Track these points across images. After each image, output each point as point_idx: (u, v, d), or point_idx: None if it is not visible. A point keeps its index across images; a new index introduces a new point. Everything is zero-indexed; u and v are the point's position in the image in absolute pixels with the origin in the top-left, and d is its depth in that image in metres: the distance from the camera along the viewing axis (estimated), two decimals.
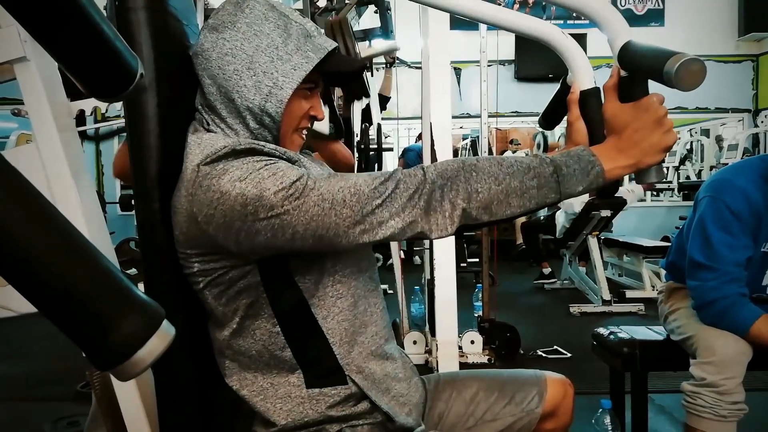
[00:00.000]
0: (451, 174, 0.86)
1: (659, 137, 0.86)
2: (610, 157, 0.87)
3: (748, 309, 1.58)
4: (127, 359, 0.45)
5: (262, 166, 0.85)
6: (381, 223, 0.85)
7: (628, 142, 0.87)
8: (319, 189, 0.84)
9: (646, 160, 0.87)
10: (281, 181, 0.83)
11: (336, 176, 0.87)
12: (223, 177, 0.84)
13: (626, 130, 0.87)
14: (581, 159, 0.87)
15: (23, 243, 0.41)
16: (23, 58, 1.01)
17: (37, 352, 3.69)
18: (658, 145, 0.86)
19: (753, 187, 1.61)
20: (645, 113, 0.86)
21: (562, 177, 0.86)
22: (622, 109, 0.88)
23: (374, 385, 0.98)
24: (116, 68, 0.56)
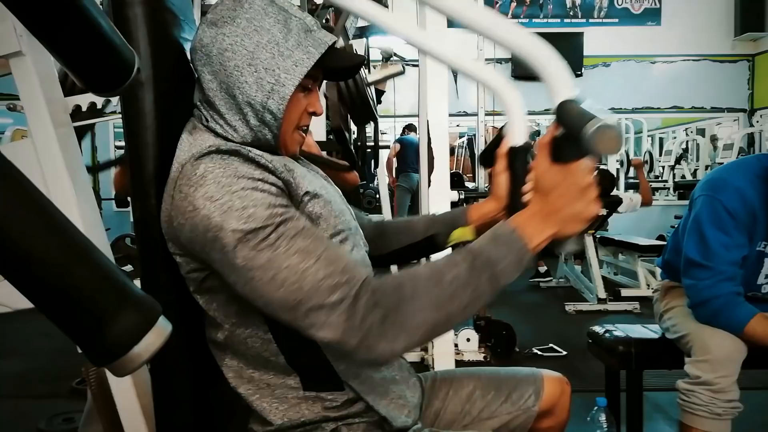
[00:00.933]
0: (392, 304, 0.79)
1: (582, 207, 0.81)
2: (536, 230, 0.82)
3: (743, 308, 1.59)
4: (123, 355, 0.45)
5: (238, 190, 0.81)
6: (311, 325, 0.78)
7: (551, 208, 0.81)
8: (273, 252, 0.78)
9: (567, 230, 0.82)
10: (245, 222, 0.79)
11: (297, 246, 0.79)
12: (199, 189, 0.82)
13: (551, 194, 0.81)
14: (512, 248, 0.81)
15: (20, 239, 0.41)
16: (19, 52, 1.00)
17: (32, 349, 3.68)
18: (581, 215, 0.81)
19: (749, 186, 1.62)
20: (572, 178, 0.80)
21: (496, 278, 0.81)
22: (551, 170, 0.82)
23: (372, 389, 0.97)
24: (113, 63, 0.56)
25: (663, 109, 7.74)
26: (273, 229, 0.79)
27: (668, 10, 7.62)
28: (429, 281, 0.80)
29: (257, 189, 0.82)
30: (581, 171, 0.80)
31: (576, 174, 0.80)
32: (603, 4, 7.65)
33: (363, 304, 0.78)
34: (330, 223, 0.93)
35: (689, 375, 1.62)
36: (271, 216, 0.80)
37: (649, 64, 7.71)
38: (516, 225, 0.82)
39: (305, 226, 0.82)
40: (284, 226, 0.80)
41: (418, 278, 0.81)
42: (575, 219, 0.81)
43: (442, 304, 0.80)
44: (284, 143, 0.99)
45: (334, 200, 0.98)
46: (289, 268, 0.78)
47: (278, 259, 0.78)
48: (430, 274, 0.81)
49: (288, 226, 0.80)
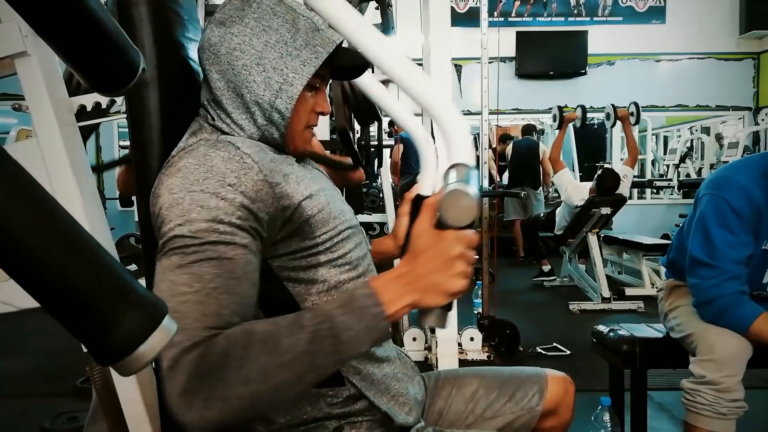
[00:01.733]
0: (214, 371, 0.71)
1: (445, 278, 0.75)
2: (395, 295, 0.76)
3: (749, 307, 1.58)
4: (129, 354, 0.45)
5: (196, 191, 0.80)
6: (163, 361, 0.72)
7: (415, 273, 0.76)
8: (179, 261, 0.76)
9: (426, 300, 0.76)
10: (180, 224, 0.78)
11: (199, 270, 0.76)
12: (169, 179, 0.83)
13: (419, 257, 0.76)
14: (365, 315, 0.74)
15: (26, 238, 0.41)
16: (24, 53, 1.00)
17: (36, 348, 3.69)
18: (441, 287, 0.75)
19: (754, 184, 1.61)
20: (442, 245, 0.75)
21: (343, 345, 0.74)
22: (426, 232, 0.77)
23: (373, 386, 0.97)
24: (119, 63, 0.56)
25: (667, 107, 7.71)
26: (196, 244, 0.77)
27: (673, 8, 7.59)
28: (263, 346, 0.72)
29: (217, 196, 0.80)
30: (454, 241, 0.75)
31: (447, 242, 0.75)
32: (607, 2, 7.63)
33: (187, 360, 0.71)
34: (330, 224, 0.93)
35: (694, 374, 1.61)
36: (206, 231, 0.77)
37: (653, 62, 7.69)
38: (375, 289, 0.76)
39: (231, 255, 0.77)
40: (209, 246, 0.77)
41: (251, 342, 0.73)
42: (436, 290, 0.75)
43: (272, 373, 0.72)
44: (293, 142, 0.99)
45: (333, 201, 0.98)
46: (168, 283, 0.76)
47: (171, 271, 0.76)
48: (266, 337, 0.73)
49: (211, 249, 0.77)
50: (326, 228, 0.92)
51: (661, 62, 7.69)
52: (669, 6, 7.60)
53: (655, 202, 7.97)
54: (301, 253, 0.91)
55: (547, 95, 7.34)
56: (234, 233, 0.79)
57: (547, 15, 7.67)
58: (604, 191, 4.61)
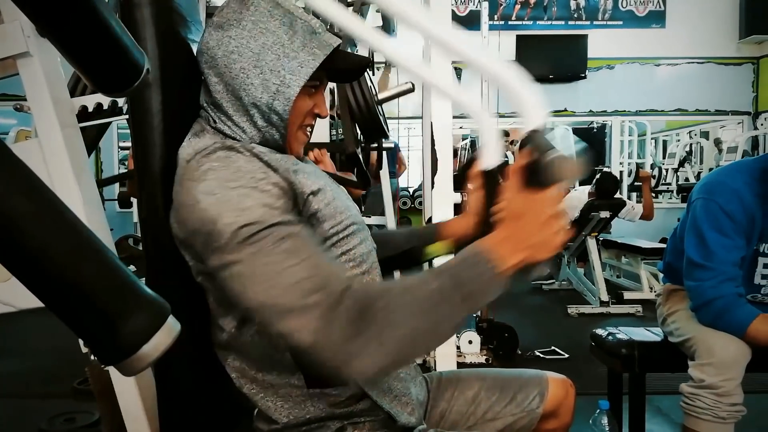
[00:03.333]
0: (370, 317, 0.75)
1: (550, 235, 0.79)
2: (505, 254, 0.79)
3: (746, 309, 1.59)
4: (132, 354, 0.45)
5: (237, 187, 0.82)
6: (287, 328, 0.76)
7: (521, 235, 0.80)
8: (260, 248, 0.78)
9: (536, 257, 0.80)
10: (238, 216, 0.79)
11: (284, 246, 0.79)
12: (201, 184, 0.83)
13: (520, 221, 0.80)
14: (483, 272, 0.79)
15: (32, 237, 0.41)
16: (26, 53, 1.00)
17: (33, 349, 3.68)
18: (547, 243, 0.80)
19: (746, 188, 1.62)
20: (541, 206, 0.79)
21: (469, 298, 0.78)
22: (520, 196, 0.80)
23: (375, 385, 0.98)
24: (123, 63, 0.56)
25: (667, 111, 7.72)
26: (265, 227, 0.79)
27: (673, 13, 7.60)
28: (405, 297, 0.78)
29: (257, 188, 0.82)
30: (549, 200, 0.79)
31: (543, 202, 0.79)
32: (607, 6, 7.64)
33: (342, 311, 0.75)
34: (336, 219, 0.94)
35: (693, 378, 1.61)
36: (265, 215, 0.80)
37: (653, 66, 7.69)
38: (486, 248, 0.80)
39: (299, 232, 0.81)
40: (277, 227, 0.80)
41: (394, 293, 0.79)
42: (542, 246, 0.80)
43: (417, 321, 0.77)
44: (289, 143, 0.99)
45: (339, 197, 0.99)
46: (270, 265, 0.78)
47: (262, 256, 0.78)
48: (405, 290, 0.79)
49: (281, 228, 0.80)
50: (333, 222, 0.93)
51: (660, 66, 7.70)
52: (669, 10, 7.61)
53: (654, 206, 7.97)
54: None
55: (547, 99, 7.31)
56: (286, 213, 0.83)
57: (548, 19, 7.68)
58: (603, 195, 4.62)
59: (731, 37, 7.54)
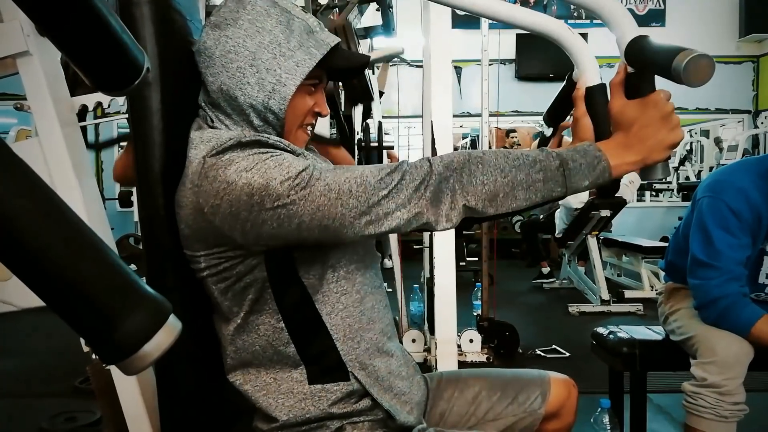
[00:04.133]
0: (457, 166, 0.85)
1: (666, 134, 0.86)
2: (616, 154, 0.87)
3: (750, 308, 1.59)
4: (133, 353, 0.45)
5: (268, 157, 0.85)
6: (387, 214, 0.84)
7: (635, 139, 0.87)
8: (325, 179, 0.84)
9: (653, 157, 0.87)
10: (287, 171, 0.83)
11: (341, 167, 0.87)
12: (229, 168, 0.84)
13: (633, 127, 0.87)
14: (587, 154, 0.86)
15: (32, 236, 0.41)
16: (26, 52, 1.00)
17: (34, 348, 3.69)
18: (665, 142, 0.86)
19: (752, 186, 1.62)
20: (652, 110, 0.86)
21: (568, 171, 0.85)
22: (629, 105, 0.88)
23: (376, 383, 0.98)
24: (123, 62, 0.56)
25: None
26: (313, 168, 0.85)
27: (672, 12, 7.60)
28: (497, 153, 0.87)
29: (284, 155, 0.87)
30: (659, 102, 0.86)
31: (655, 105, 0.86)
32: None
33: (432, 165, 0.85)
34: None
35: (695, 377, 1.61)
36: (305, 163, 0.86)
37: None
38: (600, 146, 0.88)
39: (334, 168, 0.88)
40: (322, 165, 0.88)
41: (485, 151, 0.87)
42: (661, 146, 0.86)
43: (507, 171, 0.85)
44: (288, 141, 0.99)
45: None
46: (347, 179, 0.84)
47: (332, 180, 0.84)
48: (499, 150, 0.88)
49: (325, 167, 0.87)
50: None
51: None
52: (669, 9, 7.61)
53: (654, 204, 7.97)
54: None
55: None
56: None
57: None
58: (603, 193, 4.61)
59: (731, 36, 7.54)
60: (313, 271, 0.94)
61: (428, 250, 3.14)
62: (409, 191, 0.84)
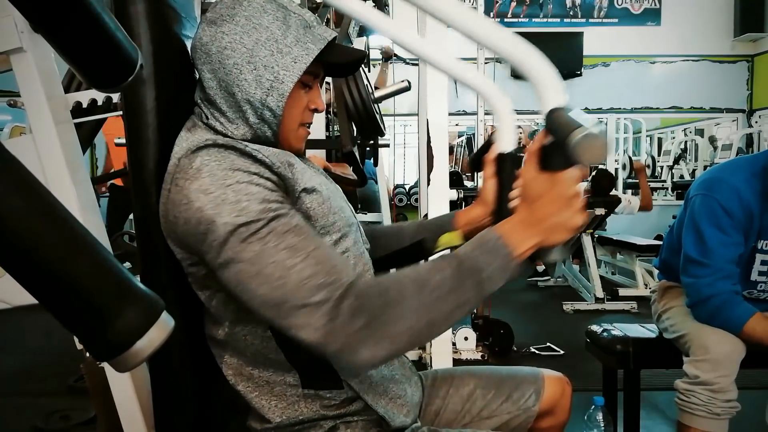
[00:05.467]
0: (376, 309, 0.77)
1: (568, 216, 0.78)
2: (522, 238, 0.80)
3: (742, 306, 1.59)
4: (126, 350, 0.45)
5: (232, 183, 0.81)
6: (294, 325, 0.77)
7: (537, 216, 0.79)
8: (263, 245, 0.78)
9: (552, 239, 0.79)
10: (237, 215, 0.78)
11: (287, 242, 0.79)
12: (194, 182, 0.82)
13: (537, 202, 0.79)
14: (498, 255, 0.79)
15: (23, 232, 0.41)
16: (20, 48, 1.00)
17: (29, 346, 3.67)
18: (566, 225, 0.79)
19: (744, 184, 1.62)
20: (560, 187, 0.78)
21: (484, 283, 0.79)
22: (538, 178, 0.80)
23: (370, 389, 0.97)
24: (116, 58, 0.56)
25: (662, 109, 7.75)
26: (264, 223, 0.79)
27: (668, 11, 7.62)
28: (414, 286, 0.79)
29: (252, 183, 0.82)
30: (568, 180, 0.78)
31: (563, 183, 0.78)
32: (603, 4, 7.65)
33: (347, 307, 0.75)
34: (329, 219, 0.93)
35: (688, 375, 1.62)
36: (264, 210, 0.79)
37: (648, 64, 7.71)
38: (502, 232, 0.80)
39: (298, 224, 0.81)
40: (276, 221, 0.79)
41: (403, 283, 0.79)
42: (560, 228, 0.79)
43: (426, 310, 0.78)
44: (287, 140, 0.99)
45: (333, 197, 0.98)
46: (275, 263, 0.77)
47: (266, 254, 0.77)
48: (416, 278, 0.80)
49: (280, 222, 0.80)
50: (324, 222, 0.93)
51: (656, 64, 7.72)
52: (664, 8, 7.63)
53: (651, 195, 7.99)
54: None
55: None
56: (283, 205, 0.83)
57: (543, 16, 7.69)
58: (598, 192, 4.63)
59: (726, 35, 7.57)
60: None
61: None
62: (322, 317, 0.75)
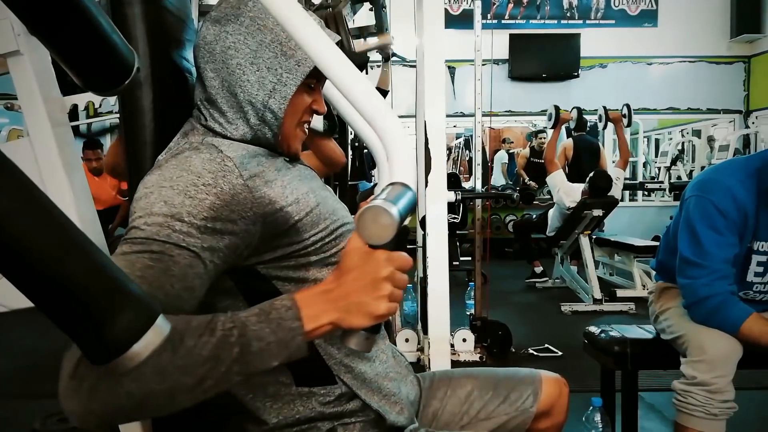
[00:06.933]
0: None
1: (369, 299, 0.72)
2: (317, 311, 0.72)
3: (739, 307, 1.60)
4: (121, 354, 0.45)
5: (166, 186, 0.78)
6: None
7: (341, 290, 0.73)
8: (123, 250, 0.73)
9: (349, 320, 0.72)
10: (140, 216, 0.76)
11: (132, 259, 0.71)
12: (149, 176, 0.83)
13: (347, 275, 0.73)
14: (281, 327, 0.70)
15: (20, 236, 0.41)
16: (17, 51, 1.00)
17: (26, 349, 3.66)
18: (365, 307, 0.72)
19: (739, 185, 1.63)
20: (371, 265, 0.72)
21: (251, 356, 0.68)
22: (357, 250, 0.73)
23: (364, 385, 0.97)
24: (113, 62, 0.56)
25: (659, 110, 7.76)
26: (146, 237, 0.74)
27: (665, 12, 7.64)
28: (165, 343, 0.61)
29: (186, 194, 0.78)
30: (384, 261, 0.72)
31: (376, 262, 0.72)
32: (600, 5, 7.66)
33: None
34: (321, 226, 0.93)
35: (685, 375, 1.62)
36: (161, 225, 0.74)
37: (645, 65, 7.73)
38: (297, 302, 0.72)
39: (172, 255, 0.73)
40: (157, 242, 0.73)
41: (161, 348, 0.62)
42: (360, 310, 0.72)
43: (167, 375, 0.62)
44: (286, 141, 0.99)
45: (324, 201, 0.97)
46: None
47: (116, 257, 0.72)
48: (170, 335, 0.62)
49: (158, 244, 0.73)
50: (315, 230, 0.92)
51: (653, 65, 7.74)
52: (661, 9, 7.65)
53: (646, 204, 8.01)
54: (289, 257, 0.91)
55: (540, 97, 7.37)
56: (190, 234, 0.75)
57: (540, 17, 7.70)
58: (596, 193, 4.64)
59: (723, 36, 7.59)
60: (289, 280, 0.92)
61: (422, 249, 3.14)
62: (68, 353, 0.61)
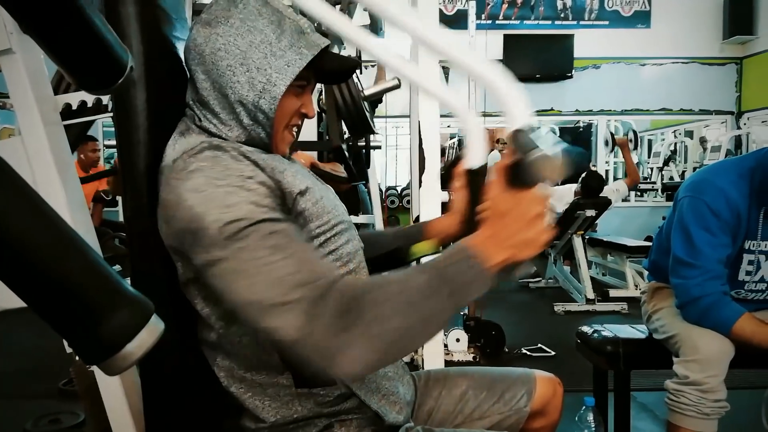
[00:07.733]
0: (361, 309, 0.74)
1: (532, 234, 0.79)
2: (490, 253, 0.78)
3: (731, 307, 1.61)
4: (115, 353, 0.45)
5: (224, 185, 0.81)
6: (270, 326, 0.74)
7: (505, 232, 0.79)
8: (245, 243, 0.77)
9: (520, 255, 0.79)
10: (224, 213, 0.78)
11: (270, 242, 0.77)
12: (187, 182, 0.82)
13: (503, 220, 0.79)
14: (470, 265, 0.78)
15: (12, 235, 0.41)
16: (9, 50, 0.99)
17: (18, 349, 3.64)
18: (531, 242, 0.79)
19: (732, 186, 1.64)
20: (524, 206, 0.78)
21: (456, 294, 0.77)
22: (505, 195, 0.80)
23: (363, 385, 0.98)
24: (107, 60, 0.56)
25: (652, 111, 7.80)
26: (251, 223, 0.78)
27: (658, 13, 7.67)
28: (397, 286, 0.77)
29: (243, 187, 0.82)
30: (531, 200, 0.79)
31: (526, 202, 0.78)
32: (593, 6, 7.69)
33: (327, 307, 0.73)
34: (323, 218, 0.94)
35: (677, 375, 1.63)
36: (252, 211, 0.79)
37: (638, 66, 7.76)
38: (471, 246, 0.79)
39: (285, 228, 0.80)
40: (263, 223, 0.79)
41: (383, 283, 0.78)
42: (526, 245, 0.79)
43: (410, 311, 0.75)
44: (275, 142, 0.99)
45: (326, 195, 0.99)
46: (255, 260, 0.76)
47: (248, 252, 0.77)
48: (397, 279, 0.78)
49: (267, 225, 0.79)
50: (319, 222, 0.93)
51: (646, 66, 7.77)
52: (654, 11, 7.68)
53: (639, 204, 8.05)
54: None
55: (534, 98, 7.34)
56: (273, 210, 0.82)
57: (534, 18, 7.72)
58: (588, 193, 4.65)
59: (715, 38, 7.63)
60: None
61: None
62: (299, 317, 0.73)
